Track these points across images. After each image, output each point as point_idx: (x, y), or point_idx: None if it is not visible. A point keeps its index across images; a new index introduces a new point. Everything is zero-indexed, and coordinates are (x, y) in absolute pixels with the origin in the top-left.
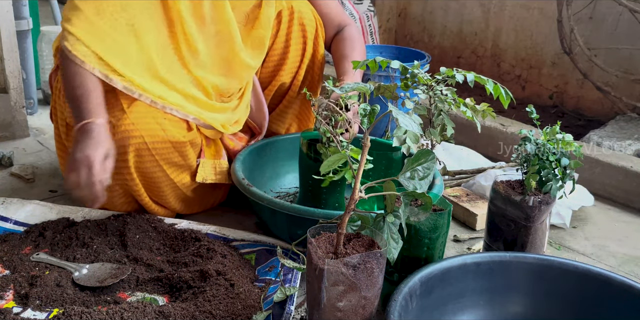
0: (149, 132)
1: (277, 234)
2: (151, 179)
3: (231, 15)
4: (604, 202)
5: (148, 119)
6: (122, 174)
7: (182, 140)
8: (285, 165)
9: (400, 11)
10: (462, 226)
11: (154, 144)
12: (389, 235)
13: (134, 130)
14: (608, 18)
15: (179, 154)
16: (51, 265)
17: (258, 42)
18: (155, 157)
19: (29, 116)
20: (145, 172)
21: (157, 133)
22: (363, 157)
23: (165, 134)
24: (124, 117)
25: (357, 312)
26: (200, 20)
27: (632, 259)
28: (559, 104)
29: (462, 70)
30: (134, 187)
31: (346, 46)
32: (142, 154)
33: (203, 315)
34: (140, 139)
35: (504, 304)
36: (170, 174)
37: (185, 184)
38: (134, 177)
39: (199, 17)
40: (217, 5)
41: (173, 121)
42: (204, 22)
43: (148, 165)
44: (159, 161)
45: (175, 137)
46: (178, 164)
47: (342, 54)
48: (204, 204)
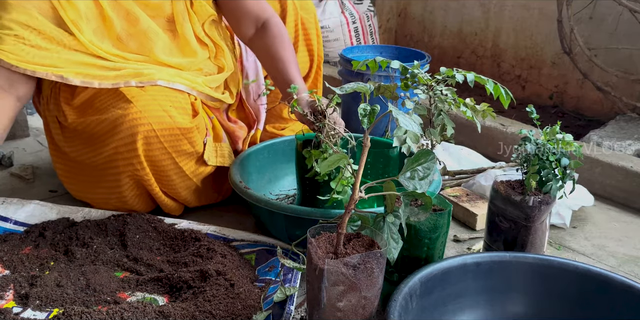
0: (157, 119)
1: (277, 236)
2: (160, 168)
3: (148, 27)
4: (604, 202)
5: (154, 106)
6: (133, 164)
7: (189, 126)
8: (284, 167)
9: (400, 11)
10: (462, 226)
11: (162, 131)
12: (389, 235)
13: (141, 118)
14: (608, 18)
15: (187, 141)
16: (51, 265)
17: (184, 41)
18: (164, 144)
19: (29, 116)
20: (155, 160)
21: (165, 120)
22: (363, 157)
23: (173, 120)
24: (130, 106)
25: (357, 312)
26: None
27: (632, 259)
28: (559, 104)
29: (462, 70)
30: (145, 176)
31: (278, 46)
32: (151, 141)
33: (203, 315)
34: (149, 126)
35: (504, 304)
36: (180, 162)
37: (194, 172)
38: (145, 166)
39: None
40: (131, 13)
41: (179, 108)
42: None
43: (157, 153)
44: (168, 148)
45: (182, 123)
46: (187, 152)
47: (279, 57)
48: (210, 197)
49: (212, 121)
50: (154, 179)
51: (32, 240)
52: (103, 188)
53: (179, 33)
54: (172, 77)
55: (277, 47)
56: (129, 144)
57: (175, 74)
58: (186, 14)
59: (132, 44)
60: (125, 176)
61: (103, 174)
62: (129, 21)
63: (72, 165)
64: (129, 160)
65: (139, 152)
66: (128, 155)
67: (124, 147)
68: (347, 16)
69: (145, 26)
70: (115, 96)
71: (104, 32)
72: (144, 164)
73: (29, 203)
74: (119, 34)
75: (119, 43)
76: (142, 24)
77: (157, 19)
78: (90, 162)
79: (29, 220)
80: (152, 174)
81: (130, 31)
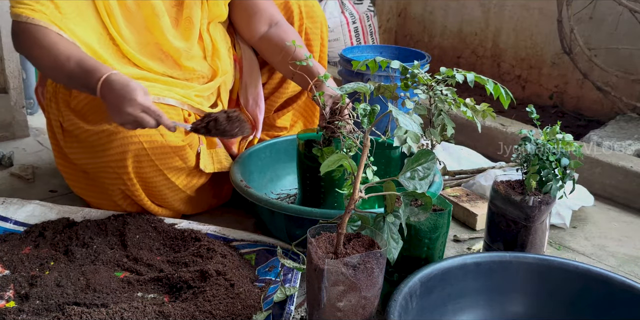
0: (148, 137)
1: (277, 235)
2: (151, 184)
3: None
4: (604, 202)
5: None
6: (122, 179)
7: (182, 144)
8: (286, 167)
9: (400, 11)
10: (462, 226)
11: (153, 149)
12: (389, 235)
13: (132, 137)
14: (608, 18)
15: (179, 157)
16: (51, 265)
17: (188, 23)
18: (155, 162)
19: (29, 116)
20: (145, 177)
21: (156, 138)
22: (363, 157)
23: (164, 139)
24: None
25: (357, 312)
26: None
27: (632, 259)
28: (559, 104)
29: (462, 70)
30: (135, 192)
31: (293, 37)
32: (142, 159)
33: (203, 315)
34: (139, 144)
35: (504, 304)
36: (171, 177)
37: (187, 186)
38: (134, 183)
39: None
40: None
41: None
42: (131, 11)
43: (147, 170)
44: (159, 166)
45: (174, 142)
46: (179, 168)
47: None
48: (208, 204)
49: None
50: (145, 194)
51: (32, 240)
52: (99, 188)
53: (185, 17)
54: (162, 91)
55: (293, 38)
56: (119, 161)
57: (165, 89)
58: (199, 1)
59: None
60: (116, 188)
61: (97, 179)
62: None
63: (72, 163)
64: (119, 175)
65: (129, 170)
66: (118, 171)
67: (114, 163)
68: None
69: (154, 3)
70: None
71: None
72: (133, 180)
73: (29, 203)
74: (127, 4)
75: (127, 12)
76: (151, 2)
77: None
78: (85, 167)
79: (29, 220)
80: (143, 189)
81: (139, 3)
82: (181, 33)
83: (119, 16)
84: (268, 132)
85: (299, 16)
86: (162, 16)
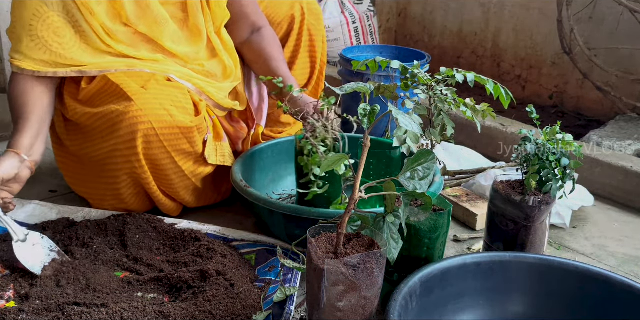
0: (157, 117)
1: (277, 235)
2: (159, 167)
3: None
4: (604, 202)
5: (155, 105)
6: (131, 162)
7: (190, 125)
8: (288, 167)
9: (400, 11)
10: (462, 226)
11: (162, 129)
12: (389, 235)
13: (142, 116)
14: (608, 18)
15: (187, 140)
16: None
17: (196, 31)
18: (163, 143)
19: None
20: (154, 159)
21: (165, 119)
22: (363, 157)
23: (173, 119)
24: (131, 104)
25: (357, 312)
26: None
27: (632, 259)
28: (559, 104)
29: (462, 70)
30: (143, 175)
31: (271, 48)
32: (151, 140)
33: (203, 315)
34: (149, 124)
35: (504, 304)
36: (179, 161)
37: (193, 173)
38: (143, 165)
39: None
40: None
41: (180, 107)
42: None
43: (156, 152)
44: (167, 148)
45: (182, 122)
46: (186, 152)
47: (272, 56)
48: (210, 198)
49: (213, 120)
50: (152, 178)
51: None
52: (101, 184)
53: (191, 23)
54: (183, 75)
55: (271, 48)
56: (129, 142)
57: (187, 74)
58: (200, 5)
59: (142, 27)
60: (123, 173)
61: (102, 170)
62: (139, 6)
63: (73, 159)
64: (128, 158)
65: (138, 151)
66: (127, 153)
67: (123, 145)
68: (347, 16)
69: (155, 12)
70: (117, 94)
71: (115, 14)
72: (142, 162)
73: (29, 203)
74: (129, 17)
75: (129, 26)
76: (152, 9)
77: (168, 6)
78: (89, 157)
79: (29, 220)
80: (151, 172)
81: (139, 14)
82: (188, 40)
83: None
84: (272, 128)
85: (301, 12)
86: (165, 26)
